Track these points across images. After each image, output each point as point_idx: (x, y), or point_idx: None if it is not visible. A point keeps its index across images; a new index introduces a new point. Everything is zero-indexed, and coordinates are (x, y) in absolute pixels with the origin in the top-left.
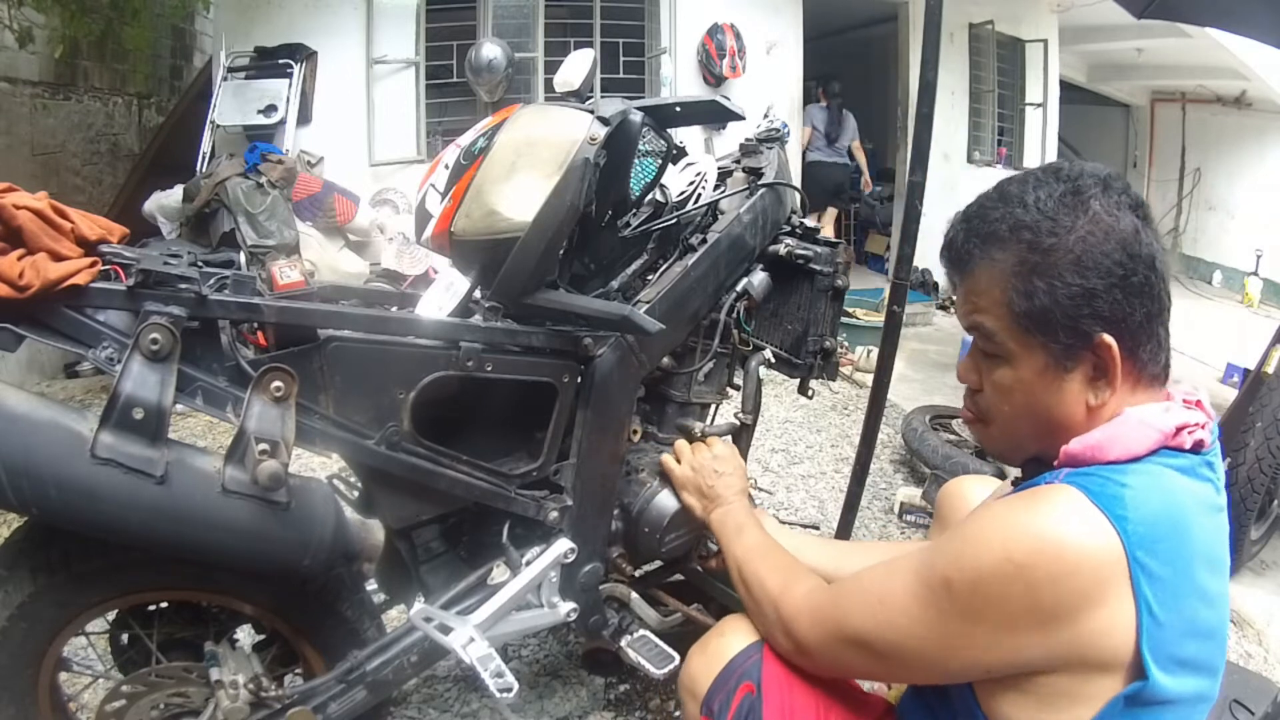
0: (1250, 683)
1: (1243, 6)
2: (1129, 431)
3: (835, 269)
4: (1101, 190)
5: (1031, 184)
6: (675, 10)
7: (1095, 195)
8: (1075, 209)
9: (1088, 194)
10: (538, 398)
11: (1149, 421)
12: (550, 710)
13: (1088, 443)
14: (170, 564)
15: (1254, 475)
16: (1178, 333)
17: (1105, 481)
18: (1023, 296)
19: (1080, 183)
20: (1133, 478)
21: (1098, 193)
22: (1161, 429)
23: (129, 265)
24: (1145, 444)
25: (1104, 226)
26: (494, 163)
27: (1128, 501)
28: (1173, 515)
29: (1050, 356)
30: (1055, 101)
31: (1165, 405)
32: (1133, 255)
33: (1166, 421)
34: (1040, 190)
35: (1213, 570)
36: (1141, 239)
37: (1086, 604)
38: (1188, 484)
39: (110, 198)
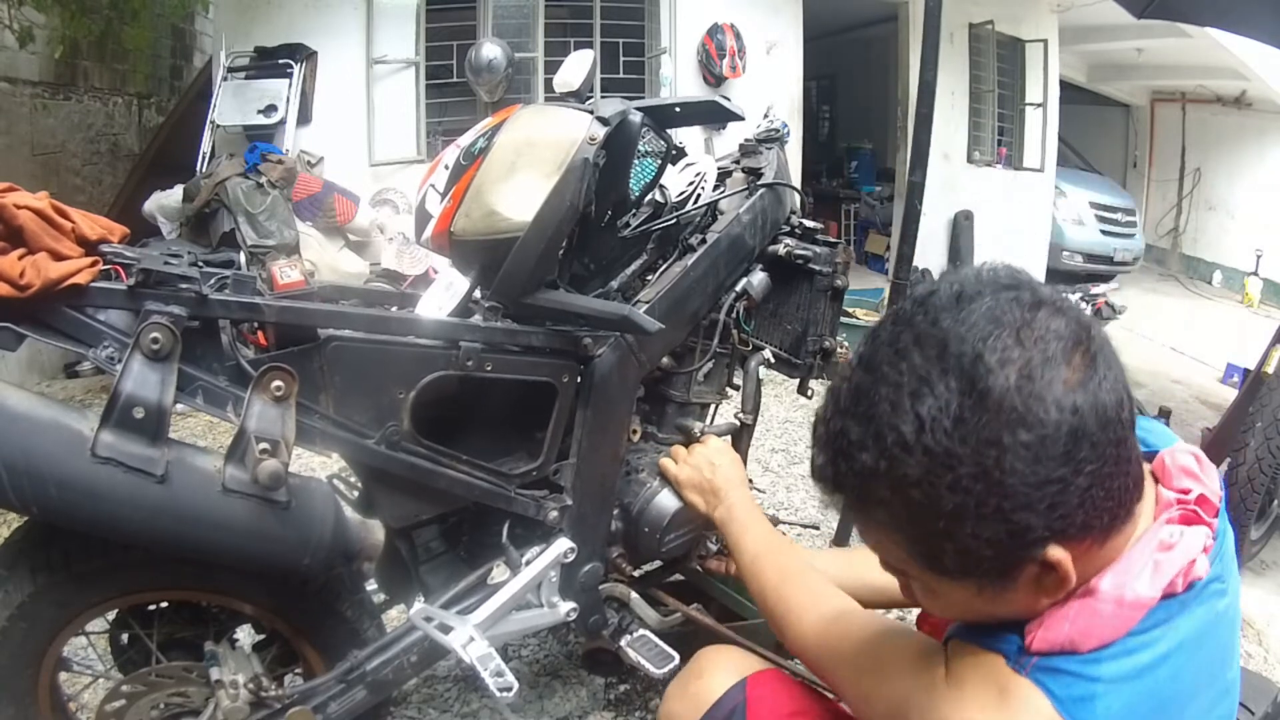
0: (1250, 683)
1: (1243, 6)
2: (1102, 620)
3: (835, 269)
4: (1021, 372)
5: (911, 385)
6: (675, 10)
7: (1010, 386)
8: (990, 437)
9: (998, 393)
10: (537, 397)
11: (1128, 600)
12: (550, 710)
13: (1056, 640)
14: (170, 564)
15: (1254, 475)
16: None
17: (1074, 681)
18: (927, 557)
19: (982, 373)
20: (1106, 667)
21: (1012, 377)
22: (1142, 604)
23: (129, 265)
24: (1122, 628)
25: (1033, 443)
26: (494, 163)
27: (1097, 705)
28: (1152, 696)
29: (981, 585)
30: (1055, 101)
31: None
32: (1073, 454)
33: (1149, 591)
34: (923, 405)
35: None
36: (1085, 421)
37: None
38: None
39: (110, 198)
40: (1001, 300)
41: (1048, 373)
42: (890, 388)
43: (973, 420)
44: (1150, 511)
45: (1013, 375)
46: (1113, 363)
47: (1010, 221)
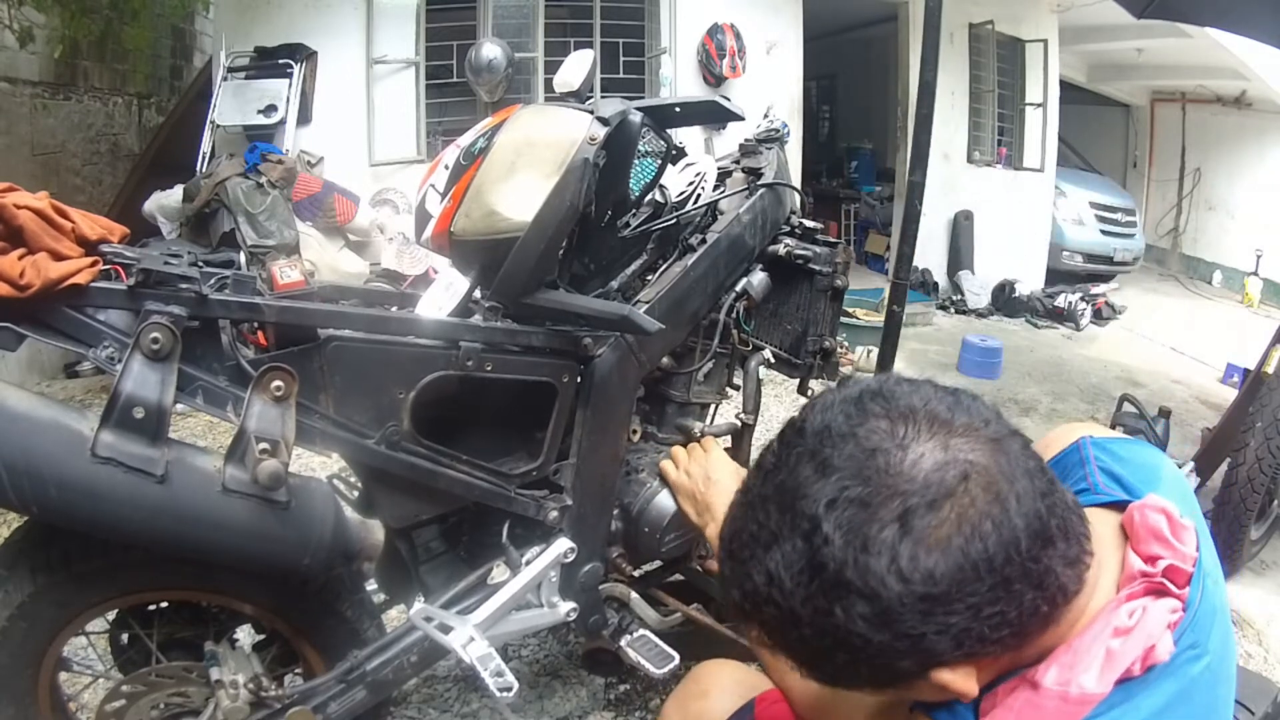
0: (1250, 683)
1: (1243, 6)
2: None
3: (835, 269)
4: (858, 545)
5: (763, 537)
6: (675, 10)
7: (847, 561)
8: (825, 607)
9: (835, 567)
10: (537, 397)
11: (1073, 696)
12: (550, 710)
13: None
14: (170, 564)
15: (1254, 475)
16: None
17: None
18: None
19: (821, 544)
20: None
21: (850, 551)
22: (1088, 700)
23: (129, 265)
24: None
25: (875, 614)
26: (494, 163)
27: None
28: None
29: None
30: (1055, 101)
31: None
32: (932, 613)
33: (1097, 688)
34: (771, 560)
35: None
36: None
37: None
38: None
39: (110, 198)
40: (863, 446)
41: (893, 541)
42: (751, 534)
43: (811, 586)
44: (1113, 578)
45: (850, 545)
46: (1010, 495)
47: (1010, 221)
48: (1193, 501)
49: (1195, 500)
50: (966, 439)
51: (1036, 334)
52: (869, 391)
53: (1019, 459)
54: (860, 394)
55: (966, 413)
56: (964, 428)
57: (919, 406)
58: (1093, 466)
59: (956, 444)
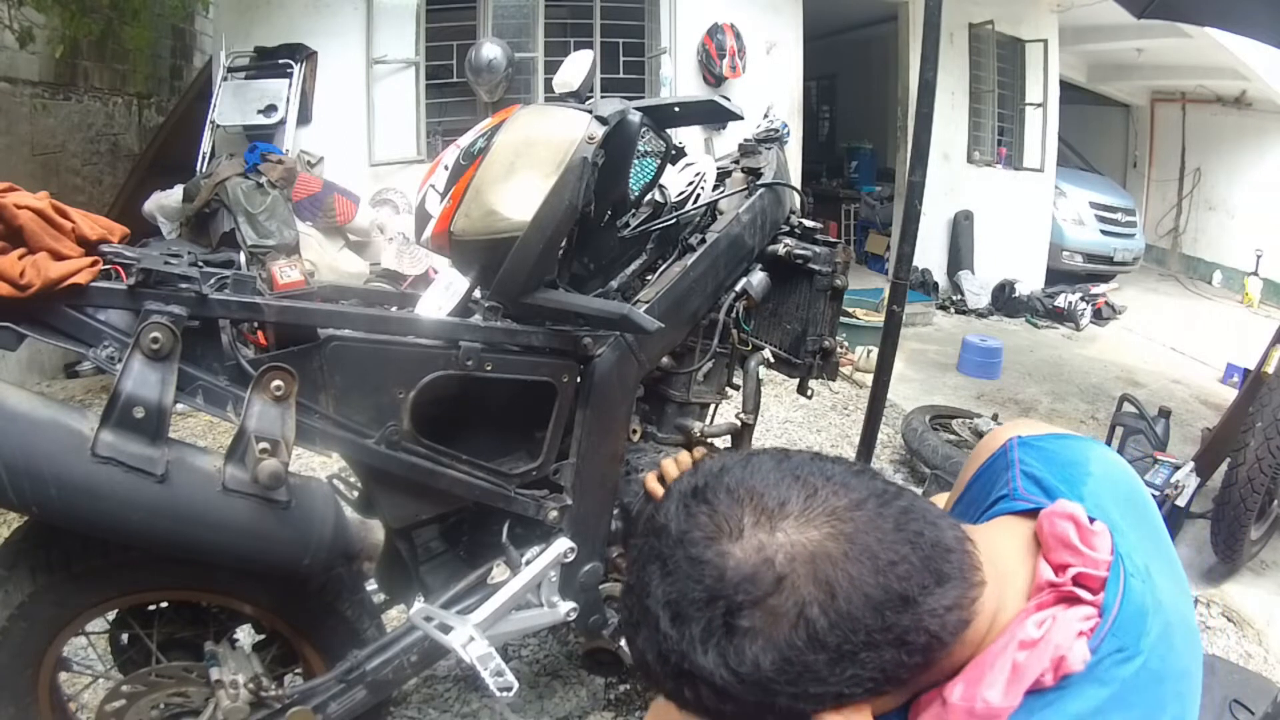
0: (1250, 683)
1: (1243, 6)
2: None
3: (834, 269)
4: (690, 641)
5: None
6: (675, 10)
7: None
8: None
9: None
10: (537, 397)
11: (978, 712)
12: (550, 710)
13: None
14: (170, 564)
15: (1254, 475)
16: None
17: None
18: None
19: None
20: None
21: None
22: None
23: (129, 265)
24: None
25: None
26: (493, 163)
27: None
28: None
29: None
30: (1055, 101)
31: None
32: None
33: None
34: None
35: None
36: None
37: None
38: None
39: (110, 198)
40: (688, 553)
41: (715, 640)
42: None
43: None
44: (1023, 588)
45: (682, 643)
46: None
47: (1010, 221)
48: (1130, 490)
49: (1137, 488)
50: (794, 528)
51: (1036, 334)
52: (697, 490)
53: (861, 532)
54: (690, 491)
55: (801, 493)
56: (794, 515)
57: (745, 500)
58: (1015, 470)
59: (779, 539)
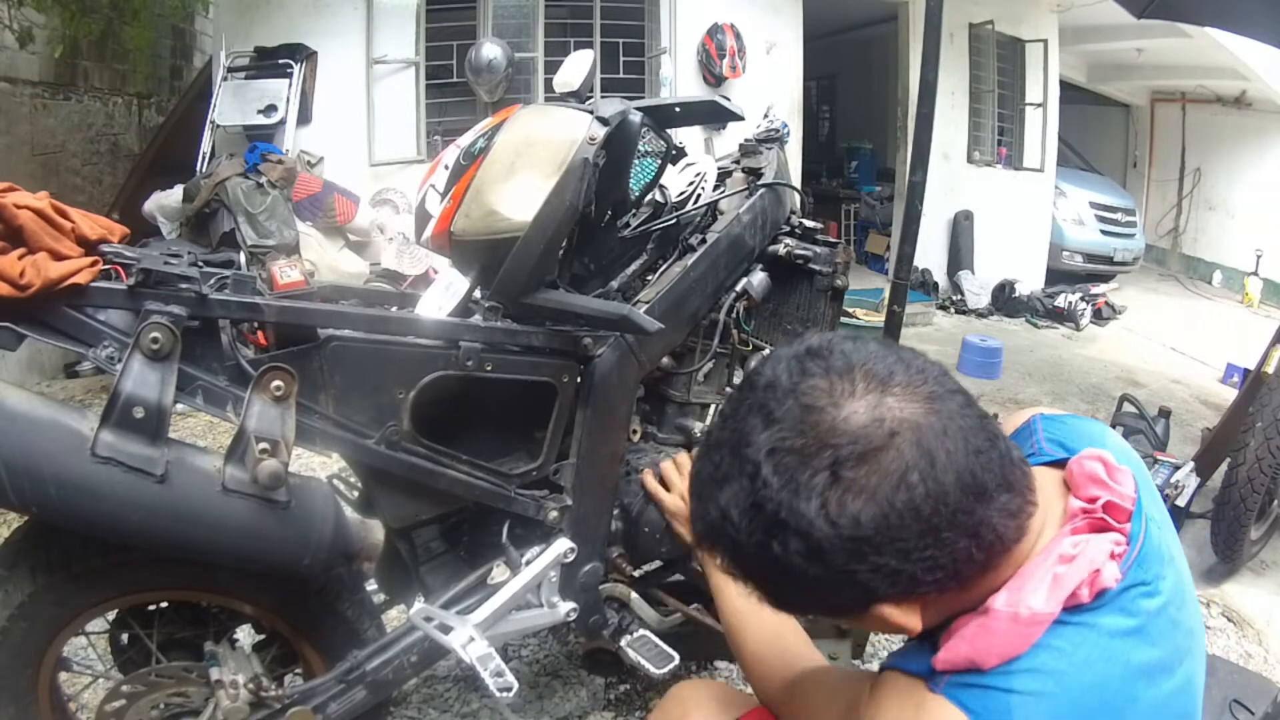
0: (1250, 683)
1: (1243, 6)
2: (1000, 637)
3: (834, 269)
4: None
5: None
6: (675, 10)
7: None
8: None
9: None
10: (537, 397)
11: (1023, 617)
12: (550, 710)
13: (955, 661)
14: (170, 564)
15: (1254, 475)
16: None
17: (986, 693)
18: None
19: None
20: (1019, 680)
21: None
22: (1039, 621)
23: (129, 265)
24: (1023, 643)
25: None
26: (493, 163)
27: (1014, 714)
28: (1078, 703)
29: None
30: (1055, 101)
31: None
32: (861, 554)
33: (1047, 606)
34: (723, 495)
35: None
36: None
37: None
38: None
39: (110, 198)
40: (802, 402)
41: (823, 487)
42: (708, 474)
43: (753, 523)
44: (1057, 521)
45: (785, 488)
46: (940, 450)
47: (1010, 221)
48: (1141, 470)
49: (1146, 473)
50: (901, 397)
51: (1036, 334)
52: (812, 350)
53: (954, 416)
54: (804, 351)
55: (906, 371)
56: (900, 386)
57: (856, 365)
58: (1039, 435)
59: (889, 402)
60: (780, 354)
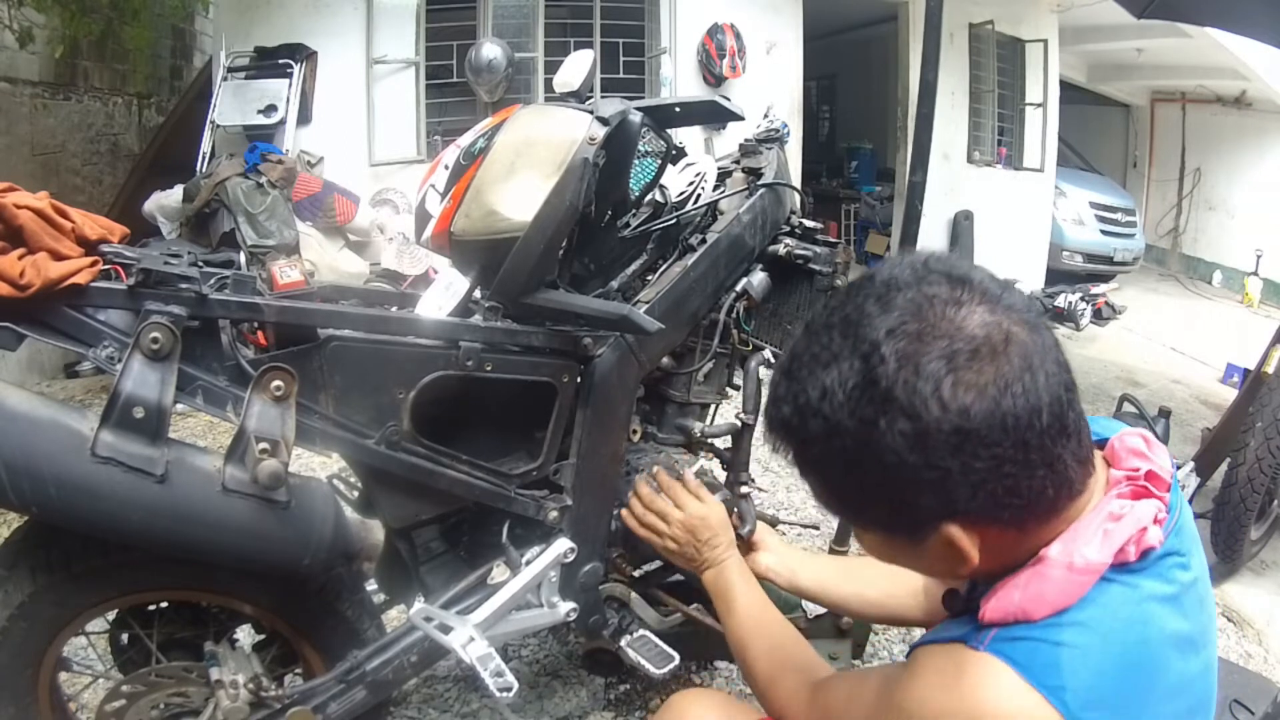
0: (1250, 683)
1: (1243, 6)
2: (1053, 585)
3: (835, 269)
4: (911, 367)
5: (823, 356)
6: (675, 10)
7: (899, 380)
8: (871, 417)
9: (887, 383)
10: (537, 397)
11: (1077, 566)
12: (550, 710)
13: (1006, 609)
14: (170, 564)
15: (1254, 475)
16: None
17: (1036, 646)
18: (832, 500)
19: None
20: (1068, 633)
21: (904, 373)
22: (1093, 569)
23: (129, 265)
24: (1075, 593)
25: (913, 434)
26: (493, 163)
27: (1064, 667)
28: (1121, 657)
29: (893, 538)
30: (1055, 101)
31: (1098, 524)
32: (961, 449)
33: (1099, 556)
34: (828, 376)
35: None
36: (974, 413)
37: None
38: (1137, 604)
39: (110, 198)
40: (924, 294)
41: (940, 372)
42: (812, 355)
43: (861, 400)
44: (1101, 490)
45: (903, 368)
46: (1038, 370)
47: (1010, 221)
48: None
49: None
50: (1010, 315)
51: None
52: (934, 258)
53: (1051, 349)
54: (926, 259)
55: (1014, 296)
56: (1010, 307)
57: (974, 278)
58: None
59: (1001, 315)
60: (898, 259)
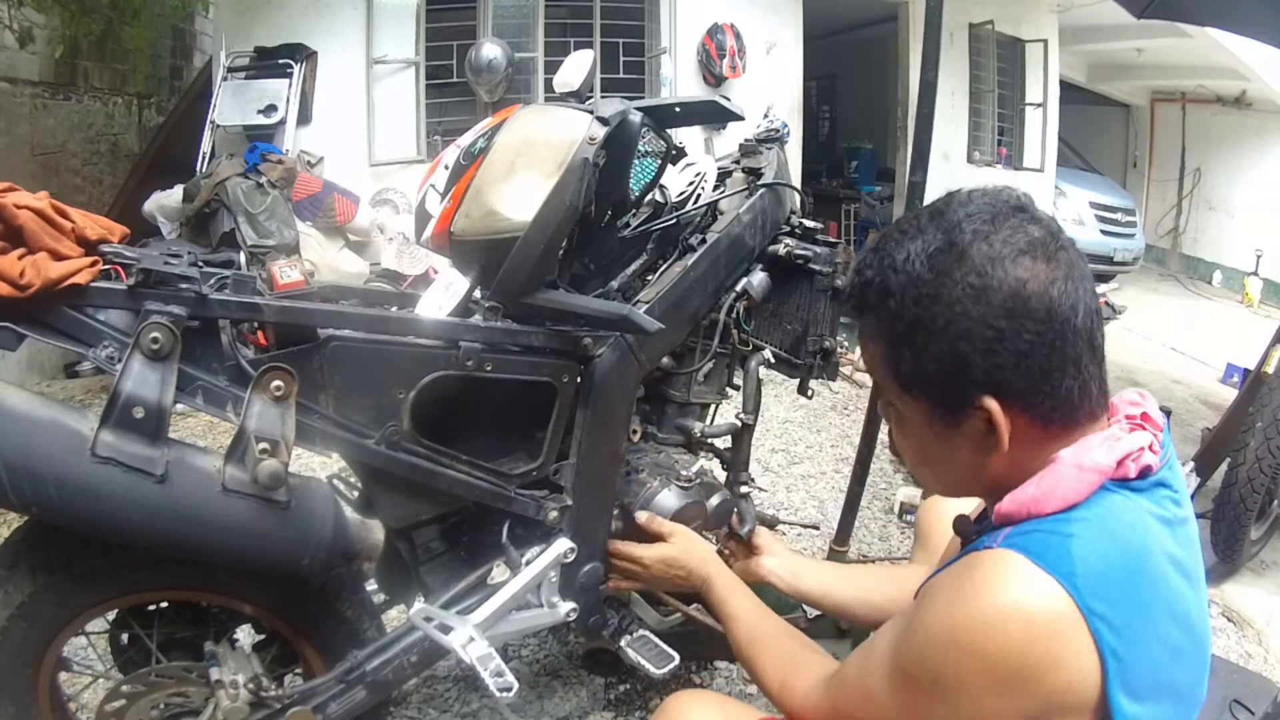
0: (1250, 683)
1: (1243, 6)
2: (1064, 481)
3: (835, 269)
4: (981, 235)
5: (911, 233)
6: (675, 10)
7: (974, 243)
8: (946, 269)
9: (964, 244)
10: (537, 397)
11: (1086, 465)
12: (550, 710)
13: (1021, 500)
14: (170, 564)
15: (1254, 475)
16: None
17: (1047, 537)
18: (893, 361)
19: (957, 235)
20: (1077, 526)
21: (976, 240)
22: (1100, 469)
23: (129, 265)
24: (1084, 490)
25: (977, 288)
26: (493, 163)
27: (1074, 554)
28: (1125, 554)
29: (933, 412)
30: (1055, 101)
31: (1104, 437)
32: (1016, 313)
33: (1105, 459)
34: (913, 244)
35: (1187, 582)
36: (1029, 291)
37: (1048, 666)
38: (1138, 512)
39: (110, 198)
40: (1001, 202)
41: (1006, 249)
42: (900, 232)
43: (940, 258)
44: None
45: (977, 239)
46: (1079, 281)
47: None
48: None
49: None
50: (1063, 239)
51: None
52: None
53: (1089, 278)
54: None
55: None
56: (1062, 235)
57: (1042, 216)
58: None
59: (1057, 236)
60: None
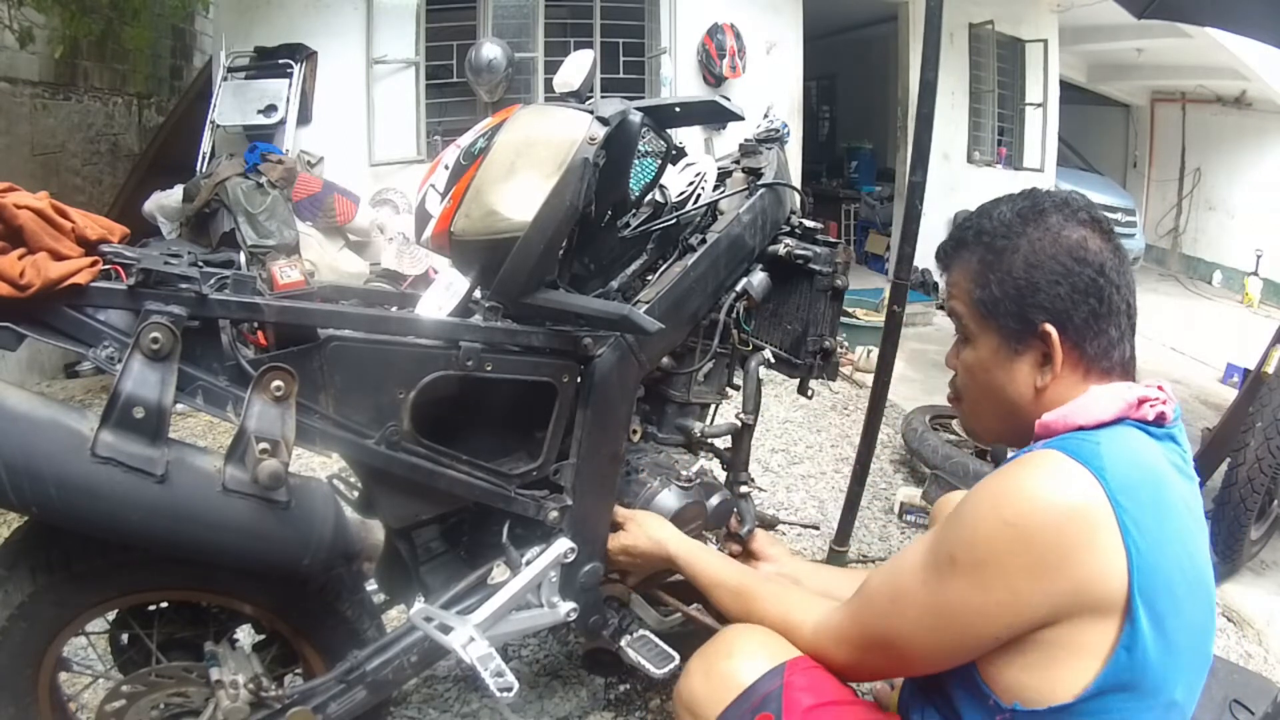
0: (1250, 683)
1: (1243, 6)
2: (1095, 401)
3: (835, 269)
4: (1058, 207)
5: (1004, 201)
6: (675, 10)
7: (1051, 211)
8: (1029, 220)
9: (1043, 207)
10: (537, 397)
11: (1113, 393)
12: (550, 710)
13: (1059, 413)
14: (170, 564)
15: (1254, 475)
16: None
17: (1081, 442)
18: (979, 286)
19: (1040, 201)
20: (1104, 437)
21: (1054, 209)
22: (1125, 399)
23: (129, 265)
24: (1112, 410)
25: (1053, 235)
26: (493, 163)
27: (1104, 455)
28: (1146, 468)
29: (1002, 338)
30: (1055, 101)
31: (1128, 385)
32: (1078, 259)
33: (1129, 394)
34: (1005, 205)
35: (1196, 523)
36: (1089, 248)
37: (1080, 548)
38: (1156, 446)
39: (110, 198)
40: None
41: (1075, 219)
42: (993, 202)
43: (1027, 212)
44: None
45: (1055, 209)
46: (1125, 267)
47: None
48: None
49: None
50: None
51: None
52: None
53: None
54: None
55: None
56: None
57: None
58: None
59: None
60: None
